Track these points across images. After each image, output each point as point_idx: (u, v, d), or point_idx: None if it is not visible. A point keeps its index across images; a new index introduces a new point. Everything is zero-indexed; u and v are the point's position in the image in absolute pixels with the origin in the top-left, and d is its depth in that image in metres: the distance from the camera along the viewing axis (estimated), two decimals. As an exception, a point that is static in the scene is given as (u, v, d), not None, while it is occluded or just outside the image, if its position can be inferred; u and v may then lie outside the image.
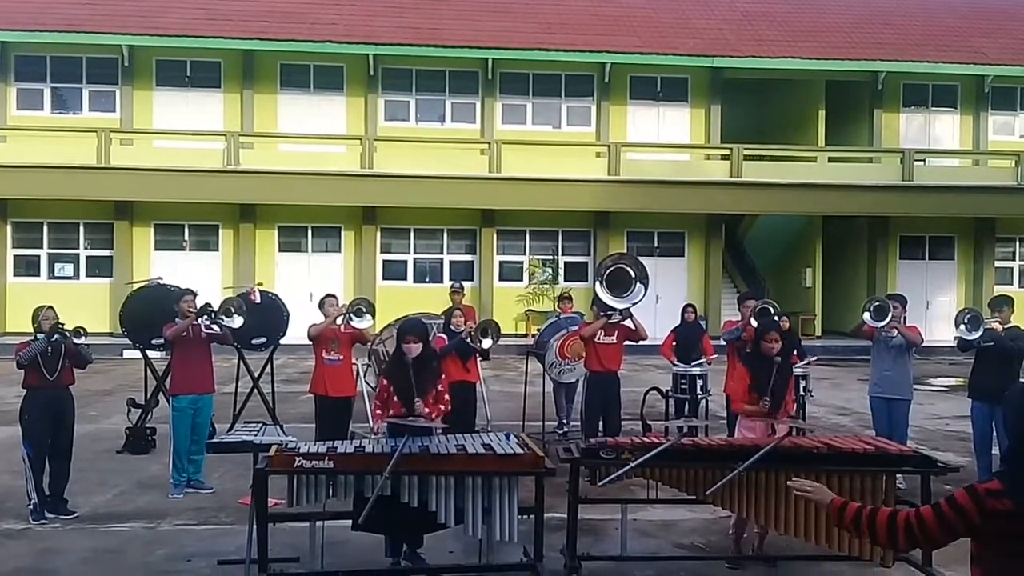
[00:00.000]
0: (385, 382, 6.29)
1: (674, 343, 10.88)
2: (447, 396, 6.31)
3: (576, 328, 10.16)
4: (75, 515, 7.29)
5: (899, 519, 2.86)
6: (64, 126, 22.00)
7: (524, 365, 10.96)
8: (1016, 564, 2.70)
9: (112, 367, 16.69)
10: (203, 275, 19.56)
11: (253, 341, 10.03)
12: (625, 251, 21.29)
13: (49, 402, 7.30)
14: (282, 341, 10.49)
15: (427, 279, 22.85)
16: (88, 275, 22.24)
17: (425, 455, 5.47)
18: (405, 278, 22.92)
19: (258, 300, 9.89)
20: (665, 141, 23.70)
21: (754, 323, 8.33)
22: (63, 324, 7.33)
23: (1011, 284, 23.82)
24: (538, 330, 13.98)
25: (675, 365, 10.63)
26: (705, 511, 6.79)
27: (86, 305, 19.24)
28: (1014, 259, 24.72)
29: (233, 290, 15.42)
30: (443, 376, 6.44)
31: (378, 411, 6.27)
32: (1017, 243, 24.71)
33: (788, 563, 6.23)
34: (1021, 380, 7.87)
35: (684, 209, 22.66)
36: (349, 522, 5.58)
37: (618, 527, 6.31)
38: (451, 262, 23.14)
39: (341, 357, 8.48)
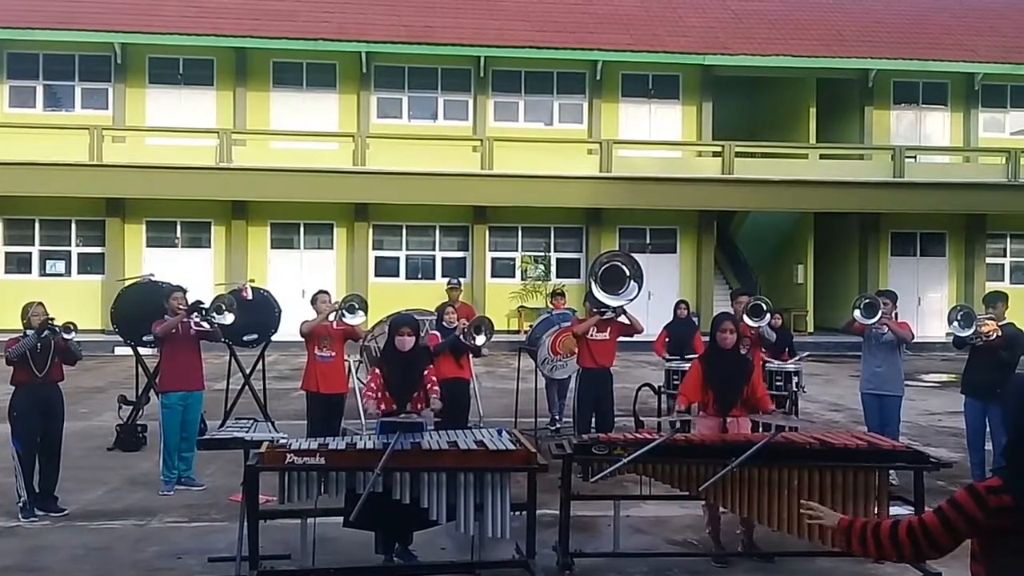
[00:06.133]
0: (377, 372, 6.27)
1: (667, 339, 10.90)
2: (438, 387, 6.32)
3: (568, 324, 10.16)
4: (65, 512, 7.25)
5: (901, 530, 2.80)
6: (56, 123, 21.92)
7: (516, 361, 10.93)
8: (1019, 561, 2.68)
9: (103, 364, 16.64)
10: (195, 272, 19.52)
11: (245, 338, 9.99)
12: (617, 248, 21.38)
13: (38, 398, 7.25)
14: (274, 338, 10.46)
15: (419, 276, 22.85)
16: (80, 272, 22.19)
17: (417, 451, 5.46)
18: (397, 275, 22.92)
19: (250, 297, 9.88)
20: (657, 138, 23.72)
21: (747, 320, 8.30)
22: (53, 320, 7.30)
23: (1002, 280, 23.90)
24: (530, 326, 13.97)
25: (668, 361, 10.64)
26: (698, 507, 6.77)
27: (78, 302, 19.15)
28: (1005, 255, 24.82)
29: (225, 287, 15.35)
30: (432, 368, 6.45)
31: (369, 392, 6.21)
32: (1008, 239, 24.82)
33: (782, 559, 6.22)
34: (1019, 372, 7.86)
35: (676, 206, 22.67)
36: (341, 519, 5.56)
37: (611, 523, 6.28)
38: (443, 259, 23.13)
39: (333, 354, 8.43)
